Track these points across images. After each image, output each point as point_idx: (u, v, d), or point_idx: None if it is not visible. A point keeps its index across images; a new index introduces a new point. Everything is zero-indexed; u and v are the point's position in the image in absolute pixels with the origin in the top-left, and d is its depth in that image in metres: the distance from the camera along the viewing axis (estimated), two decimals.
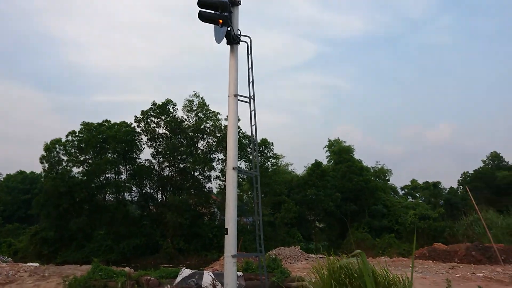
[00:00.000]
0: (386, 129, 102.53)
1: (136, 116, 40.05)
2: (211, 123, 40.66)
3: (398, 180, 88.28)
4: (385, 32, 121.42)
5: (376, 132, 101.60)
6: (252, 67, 9.34)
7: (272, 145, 41.77)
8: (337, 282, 9.11)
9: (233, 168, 8.47)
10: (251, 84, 9.31)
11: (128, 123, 40.44)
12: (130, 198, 41.23)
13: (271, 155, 42.72)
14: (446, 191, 51.19)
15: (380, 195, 44.57)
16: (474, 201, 27.98)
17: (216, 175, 40.69)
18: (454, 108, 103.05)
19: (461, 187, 51.24)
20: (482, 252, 24.19)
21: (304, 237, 41.25)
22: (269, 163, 42.67)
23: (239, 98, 8.98)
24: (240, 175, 35.69)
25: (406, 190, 53.94)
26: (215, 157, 40.93)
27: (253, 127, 9.27)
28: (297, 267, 22.06)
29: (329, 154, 47.48)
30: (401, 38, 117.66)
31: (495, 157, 56.54)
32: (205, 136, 40.74)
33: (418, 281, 16.91)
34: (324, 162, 46.57)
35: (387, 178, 50.42)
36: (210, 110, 40.94)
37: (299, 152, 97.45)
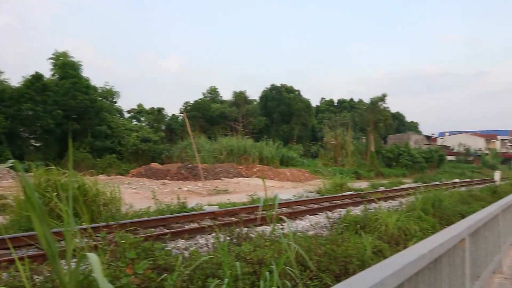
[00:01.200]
0: (121, 52, 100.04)
1: None
2: None
3: (126, 103, 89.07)
4: None
5: (110, 52, 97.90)
6: None
7: None
8: (43, 195, 8.77)
9: None
10: None
11: None
12: None
13: None
14: (168, 117, 55.09)
15: (106, 116, 44.06)
16: (190, 127, 31.31)
17: None
18: (186, 43, 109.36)
19: (182, 114, 56.05)
20: (190, 171, 27.75)
21: (16, 156, 36.97)
22: None
23: None
24: None
25: (132, 113, 55.08)
26: None
27: None
28: (1, 186, 19.85)
29: (53, 67, 42.93)
30: None
31: (213, 91, 64.05)
32: None
33: (131, 196, 18.03)
34: (48, 75, 42.01)
35: (114, 100, 50.06)
36: None
37: (18, 61, 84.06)
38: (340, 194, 17.72)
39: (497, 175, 22.05)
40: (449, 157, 65.65)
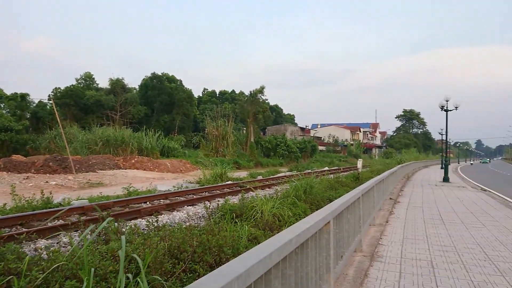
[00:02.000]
0: None
1: None
2: None
3: None
4: None
5: None
6: None
7: None
8: None
9: None
10: None
11: None
12: None
13: None
14: (34, 104, 49.60)
15: None
16: (60, 116, 28.62)
17: None
18: (55, 22, 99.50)
19: (50, 101, 50.97)
20: (59, 163, 25.34)
21: None
22: None
23: None
24: None
25: None
26: None
27: None
28: None
29: None
30: None
31: (88, 77, 59.37)
32: None
33: None
34: None
35: None
36: None
37: None
38: (219, 184, 17.84)
39: (359, 163, 24.41)
40: (320, 147, 71.13)
